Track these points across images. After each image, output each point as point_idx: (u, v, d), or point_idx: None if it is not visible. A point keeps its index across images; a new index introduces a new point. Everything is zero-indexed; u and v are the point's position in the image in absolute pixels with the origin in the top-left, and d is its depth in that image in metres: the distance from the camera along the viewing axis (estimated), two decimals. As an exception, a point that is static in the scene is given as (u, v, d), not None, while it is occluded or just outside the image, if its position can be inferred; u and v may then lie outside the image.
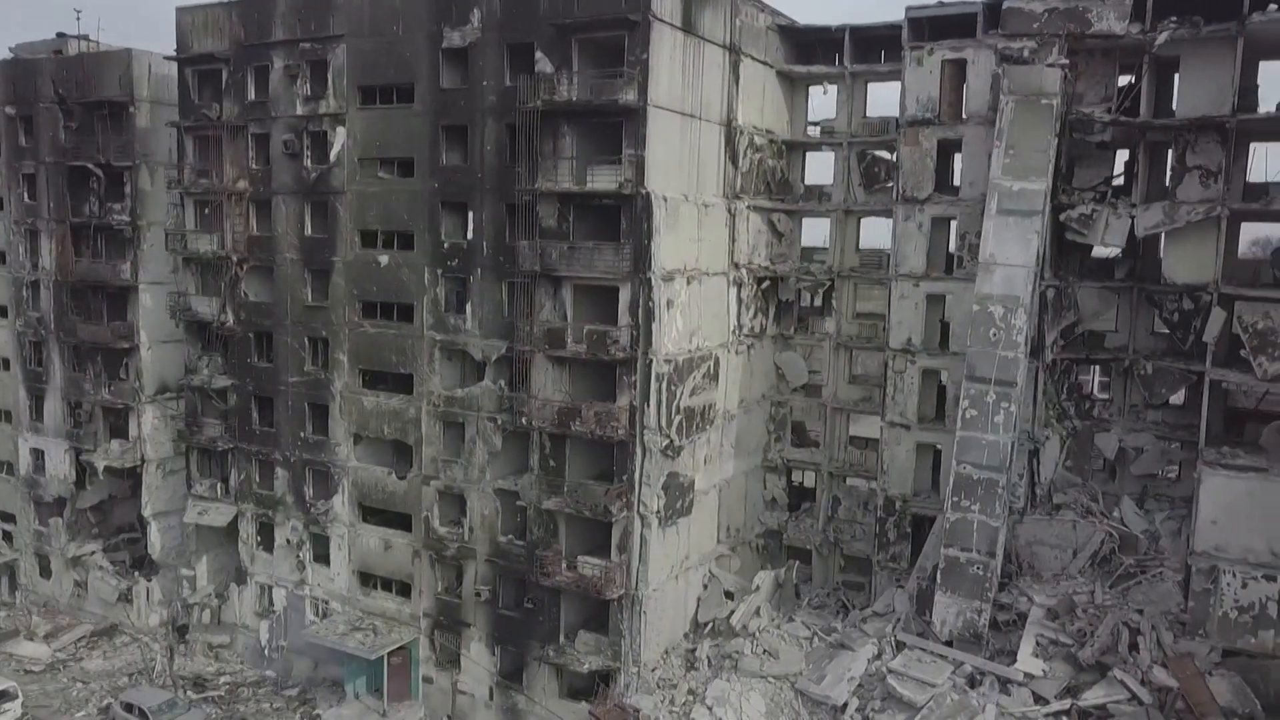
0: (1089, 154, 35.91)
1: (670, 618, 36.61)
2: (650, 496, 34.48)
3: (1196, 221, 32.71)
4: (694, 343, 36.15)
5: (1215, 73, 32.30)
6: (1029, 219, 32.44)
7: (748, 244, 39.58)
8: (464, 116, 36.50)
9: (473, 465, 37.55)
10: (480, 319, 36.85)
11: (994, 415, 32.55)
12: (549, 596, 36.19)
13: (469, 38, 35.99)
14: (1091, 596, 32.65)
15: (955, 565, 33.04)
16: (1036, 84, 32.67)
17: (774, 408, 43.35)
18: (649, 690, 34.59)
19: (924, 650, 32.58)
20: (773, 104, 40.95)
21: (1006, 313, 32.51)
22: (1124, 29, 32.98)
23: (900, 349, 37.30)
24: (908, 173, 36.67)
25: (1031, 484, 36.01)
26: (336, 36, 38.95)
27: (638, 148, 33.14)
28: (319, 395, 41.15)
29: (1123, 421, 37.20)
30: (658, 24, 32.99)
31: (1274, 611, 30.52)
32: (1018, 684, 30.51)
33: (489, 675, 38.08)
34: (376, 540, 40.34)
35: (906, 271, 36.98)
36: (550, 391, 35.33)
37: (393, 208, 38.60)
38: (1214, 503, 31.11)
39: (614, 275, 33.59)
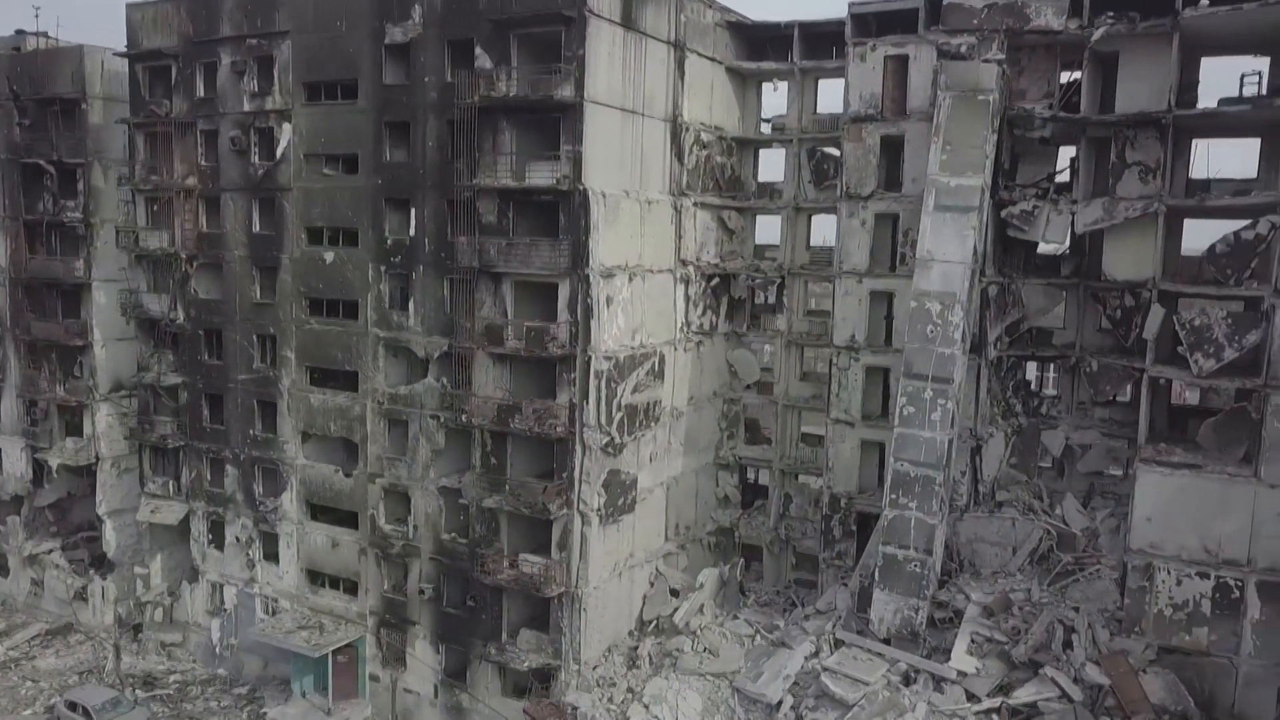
0: (1032, 150, 35.84)
1: (613, 615, 36.50)
2: (590, 494, 34.36)
3: (1134, 218, 32.60)
4: (637, 340, 36.01)
5: (1154, 69, 32.20)
6: (966, 215, 32.32)
7: (695, 241, 39.44)
8: (406, 113, 36.38)
9: (416, 463, 37.44)
10: (423, 316, 36.74)
11: (931, 412, 32.43)
12: (491, 595, 36.08)
13: (410, 33, 35.86)
14: (1028, 594, 32.56)
15: (893, 563, 32.92)
16: (973, 80, 32.57)
17: (726, 405, 43.23)
18: (588, 688, 34.46)
19: (861, 648, 32.48)
20: (722, 100, 40.81)
21: (944, 309, 32.39)
22: (1062, 24, 32.88)
23: (844, 346, 37.18)
24: (851, 169, 36.54)
25: (974, 481, 35.91)
26: (282, 32, 38.81)
27: (575, 143, 33.02)
28: (267, 393, 41.03)
29: (1070, 419, 37.11)
30: (594, 19, 32.85)
31: (1208, 609, 30.40)
32: (951, 682, 30.40)
33: (434, 673, 37.97)
34: (324, 538, 40.23)
35: (850, 268, 36.85)
36: (491, 389, 35.22)
37: (337, 204, 38.48)
38: (1149, 500, 31.00)
39: (551, 272, 33.47)
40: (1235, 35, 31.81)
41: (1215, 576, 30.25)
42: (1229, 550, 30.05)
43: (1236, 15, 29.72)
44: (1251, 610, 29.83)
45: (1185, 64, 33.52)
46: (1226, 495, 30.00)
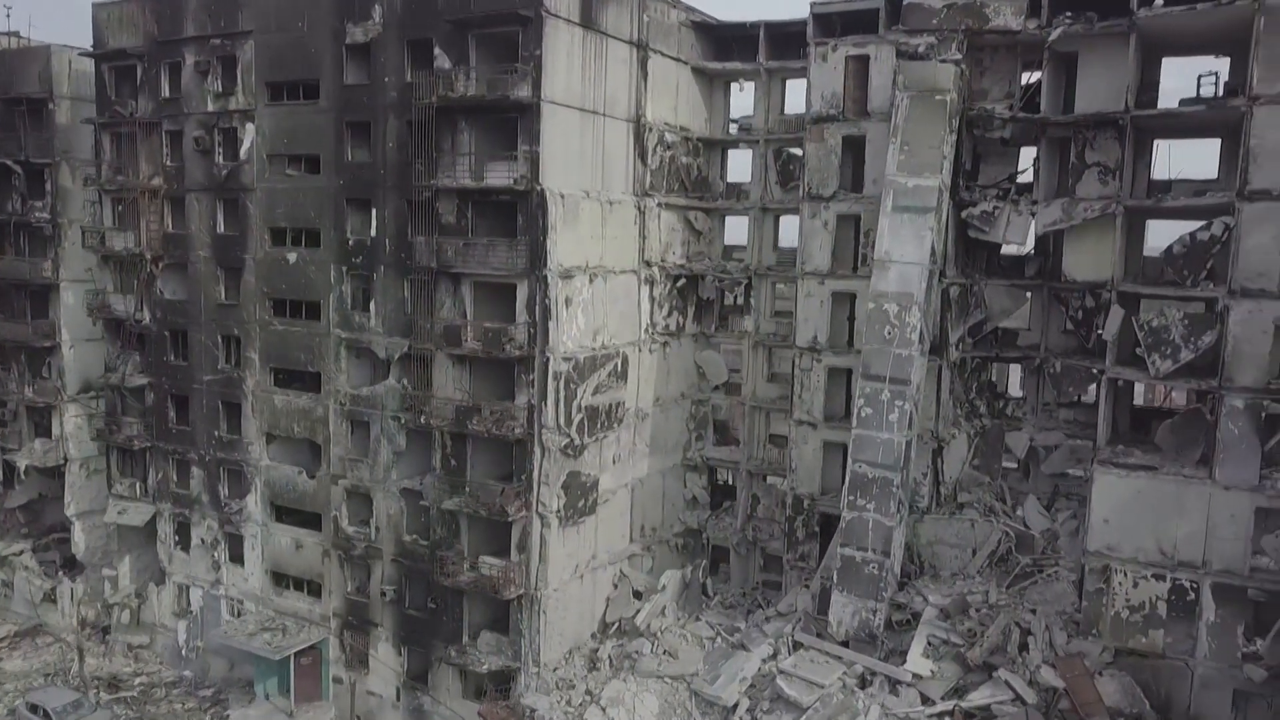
0: (994, 151, 35.73)
1: (575, 617, 36.35)
2: (549, 496, 34.22)
3: (1093, 219, 32.48)
4: (599, 341, 35.88)
5: (1112, 69, 32.03)
6: (923, 216, 32.20)
7: (660, 242, 39.31)
8: (367, 113, 36.27)
9: (378, 464, 37.32)
10: (384, 316, 36.62)
11: (889, 413, 32.32)
12: (452, 597, 35.94)
13: (370, 33, 35.74)
14: (986, 596, 32.44)
15: (851, 565, 32.81)
16: (930, 80, 32.45)
17: (694, 406, 43.10)
18: (547, 690, 34.32)
19: (819, 650, 32.35)
20: (688, 101, 40.68)
21: (901, 310, 32.27)
22: (1020, 24, 32.80)
23: (807, 347, 37.05)
24: (813, 170, 36.41)
25: (935, 483, 35.79)
26: (245, 32, 38.70)
27: (532, 144, 32.90)
28: (232, 394, 40.90)
29: (1035, 420, 37.02)
30: (552, 19, 32.73)
31: (1164, 611, 30.25)
32: (906, 684, 30.27)
33: (396, 676, 37.83)
34: (288, 540, 40.10)
35: (812, 269, 36.73)
36: (451, 390, 35.09)
37: (300, 205, 38.35)
38: (1105, 502, 30.86)
39: (509, 272, 33.36)
40: (1194, 35, 31.70)
41: (1171, 578, 30.11)
42: (1184, 552, 29.92)
43: (1191, 15, 29.60)
44: (1207, 612, 29.69)
45: (1146, 64, 33.52)
46: (1182, 497, 29.88)
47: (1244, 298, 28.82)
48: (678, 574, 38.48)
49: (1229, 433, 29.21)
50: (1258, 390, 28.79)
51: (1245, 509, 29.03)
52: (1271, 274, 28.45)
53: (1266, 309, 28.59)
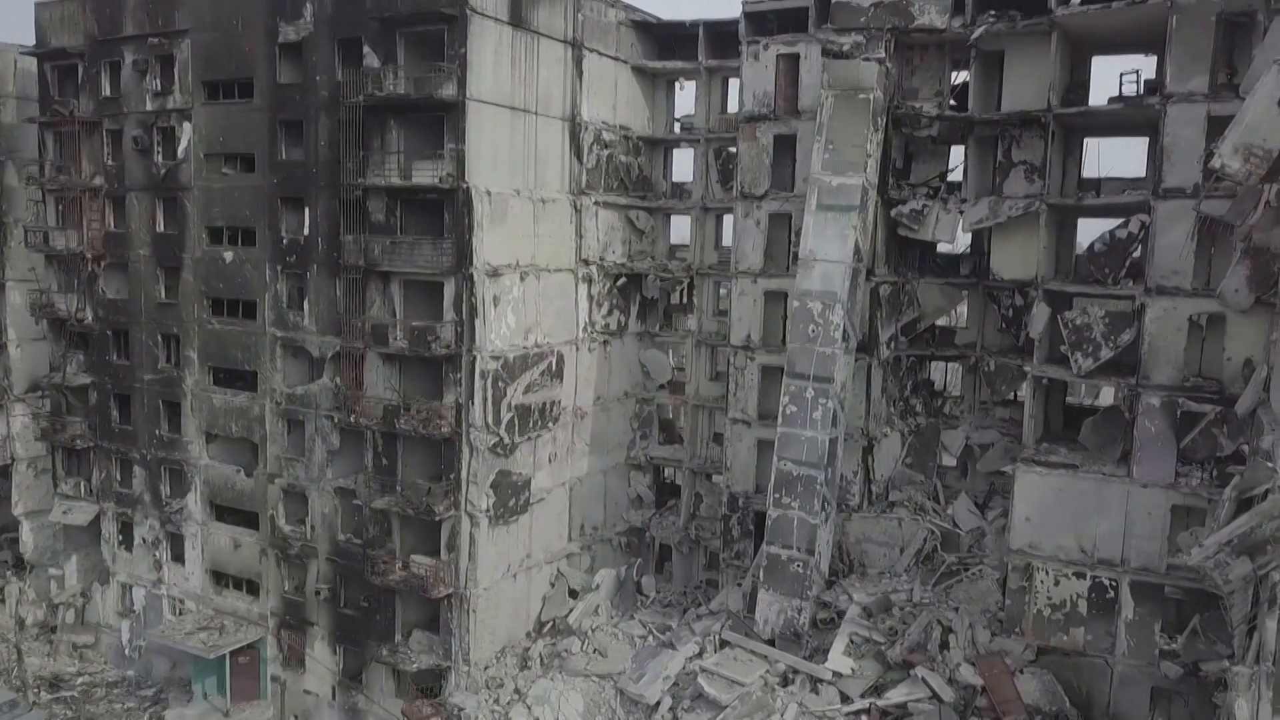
0: (926, 149, 35.73)
1: (508, 616, 36.32)
2: (478, 495, 34.20)
3: (1017, 216, 32.50)
4: (531, 339, 35.86)
5: (1037, 67, 32.05)
6: (847, 214, 32.20)
7: (598, 240, 39.31)
8: (300, 111, 36.25)
9: (313, 463, 37.29)
10: (317, 315, 36.60)
11: (813, 411, 32.32)
12: (385, 596, 35.91)
13: (302, 32, 35.74)
14: (910, 594, 32.44)
15: (777, 563, 32.81)
16: (854, 78, 32.44)
17: (639, 405, 43.11)
18: (476, 689, 34.30)
19: (744, 649, 32.33)
20: (628, 100, 40.69)
21: (824, 309, 32.27)
22: (945, 23, 32.83)
23: (741, 346, 37.04)
24: (745, 169, 36.41)
25: (866, 481, 35.79)
26: (181, 31, 38.69)
27: (458, 142, 32.89)
28: (172, 393, 40.88)
29: (972, 418, 37.04)
30: (478, 18, 32.73)
31: (1084, 609, 30.27)
32: (826, 682, 30.25)
33: (331, 675, 37.80)
34: (227, 539, 40.07)
35: (745, 268, 36.72)
36: (381, 389, 35.07)
37: (236, 204, 38.33)
38: (1027, 500, 30.84)
39: (435, 271, 33.34)
40: (1117, 34, 31.70)
41: (1091, 576, 30.12)
42: (1104, 550, 29.92)
43: (1107, 14, 29.63)
44: (1125, 610, 29.70)
45: (1076, 63, 33.55)
46: (1101, 495, 29.88)
47: (1160, 295, 28.85)
48: (612, 573, 38.49)
49: (1146, 430, 29.24)
50: (1173, 388, 28.81)
51: (1161, 507, 29.04)
52: (1186, 272, 28.47)
53: (1181, 306, 28.63)
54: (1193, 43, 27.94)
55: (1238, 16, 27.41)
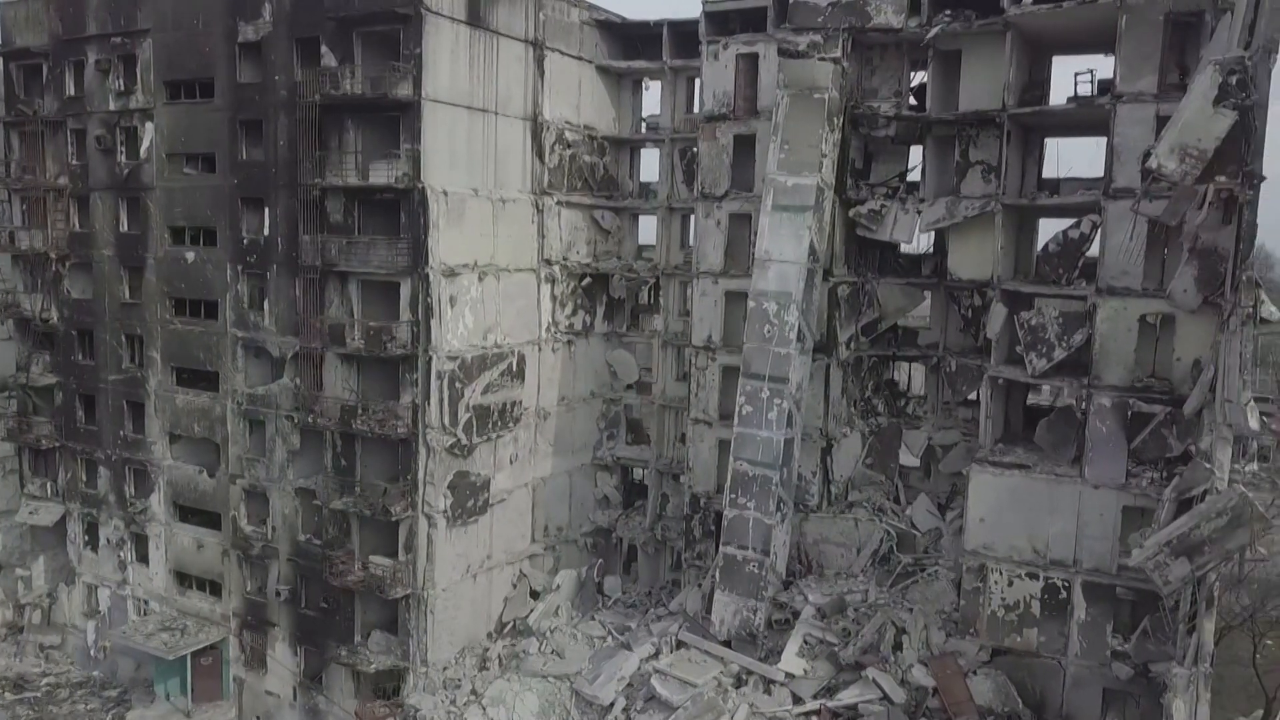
0: (885, 150, 35.69)
1: (468, 617, 36.23)
2: (435, 496, 34.12)
3: (973, 216, 32.44)
4: (490, 340, 35.79)
5: (993, 67, 31.99)
6: (802, 215, 32.14)
7: (561, 240, 39.23)
8: (259, 111, 36.16)
9: (274, 464, 37.22)
10: (277, 315, 36.52)
11: (768, 412, 32.28)
12: (345, 597, 35.83)
13: (261, 32, 35.65)
14: (866, 595, 32.39)
15: (733, 563, 32.76)
16: (809, 78, 32.39)
17: (606, 405, 43.04)
18: (433, 690, 34.23)
19: (700, 650, 32.28)
20: (592, 100, 40.62)
21: (780, 309, 32.23)
22: (901, 22, 32.76)
23: (702, 346, 36.99)
24: (706, 169, 36.37)
25: (825, 481, 35.72)
26: (143, 31, 38.62)
27: (414, 141, 32.82)
28: (135, 393, 40.82)
29: (934, 419, 36.97)
30: (433, 17, 32.66)
31: (1037, 610, 30.20)
32: (779, 683, 30.21)
33: (293, 676, 37.72)
34: (190, 539, 40.00)
35: (706, 268, 36.67)
36: (340, 389, 35.00)
37: (197, 204, 38.26)
38: (982, 501, 30.78)
39: (390, 271, 33.27)
40: (1072, 34, 31.63)
41: (1044, 577, 30.05)
42: (1057, 551, 29.86)
43: (1059, 13, 29.59)
44: (1078, 611, 29.64)
45: (1035, 63, 33.53)
46: (1054, 496, 29.81)
47: (1111, 296, 28.80)
48: (573, 574, 38.43)
49: (1097, 431, 29.19)
50: (1123, 388, 28.76)
51: (1113, 507, 28.98)
52: (1136, 272, 28.41)
53: (1132, 307, 28.58)
54: (1142, 43, 27.91)
55: (1186, 16, 27.36)
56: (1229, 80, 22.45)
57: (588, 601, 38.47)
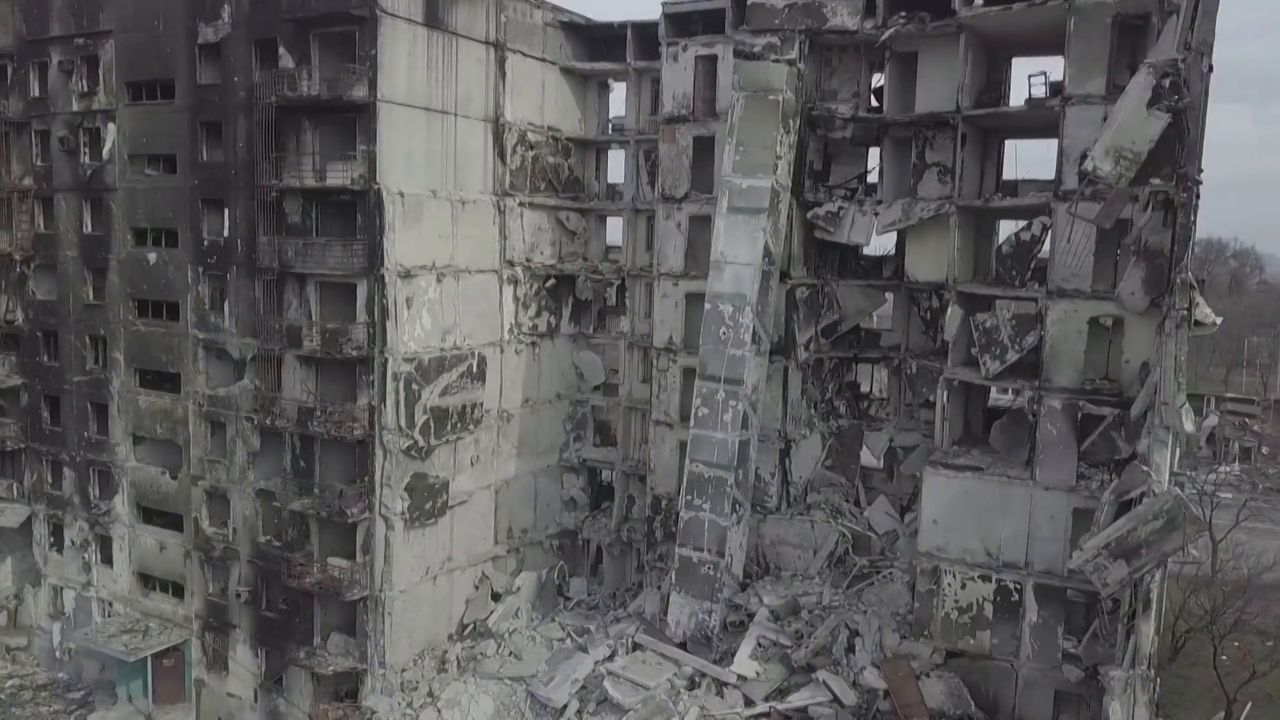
0: (845, 152, 35.71)
1: (428, 619, 36.13)
2: (392, 498, 34.06)
3: (929, 218, 32.44)
4: (449, 341, 35.74)
5: (949, 69, 32.02)
6: (756, 217, 32.13)
7: (524, 241, 39.19)
8: (219, 112, 36.07)
9: (234, 465, 37.15)
10: (237, 317, 36.45)
11: (723, 413, 32.26)
12: (304, 599, 35.75)
13: (220, 33, 35.59)
14: (820, 598, 32.36)
15: (688, 565, 32.75)
16: (764, 80, 32.38)
17: (573, 407, 43.00)
18: (391, 692, 34.16)
19: (655, 652, 32.25)
20: (557, 101, 40.58)
21: (735, 311, 32.23)
22: (857, 24, 32.77)
23: (663, 348, 36.98)
24: (666, 171, 36.41)
25: (784, 483, 35.69)
26: (105, 32, 38.55)
27: (369, 143, 32.78)
28: (99, 395, 40.74)
29: (896, 421, 36.95)
30: (390, 19, 32.61)
31: (990, 612, 30.19)
32: (731, 686, 30.17)
33: (254, 678, 37.64)
34: (153, 541, 39.91)
35: (667, 270, 36.69)
36: (298, 391, 34.96)
37: (159, 205, 38.20)
38: (935, 503, 30.77)
39: (346, 272, 33.22)
40: (1029, 35, 31.64)
41: (996, 579, 30.06)
42: (1009, 553, 29.87)
43: (1009, 15, 29.60)
44: (1030, 613, 29.64)
45: (993, 65, 33.54)
46: (1006, 498, 29.82)
47: (1060, 298, 28.80)
48: (533, 575, 38.36)
49: (1048, 433, 29.19)
50: (1073, 390, 28.76)
51: (1064, 509, 28.99)
52: (1085, 274, 28.41)
53: (1081, 309, 28.57)
54: (1091, 45, 27.92)
55: (1134, 19, 27.37)
56: (1162, 83, 22.47)
57: (548, 603, 38.43)
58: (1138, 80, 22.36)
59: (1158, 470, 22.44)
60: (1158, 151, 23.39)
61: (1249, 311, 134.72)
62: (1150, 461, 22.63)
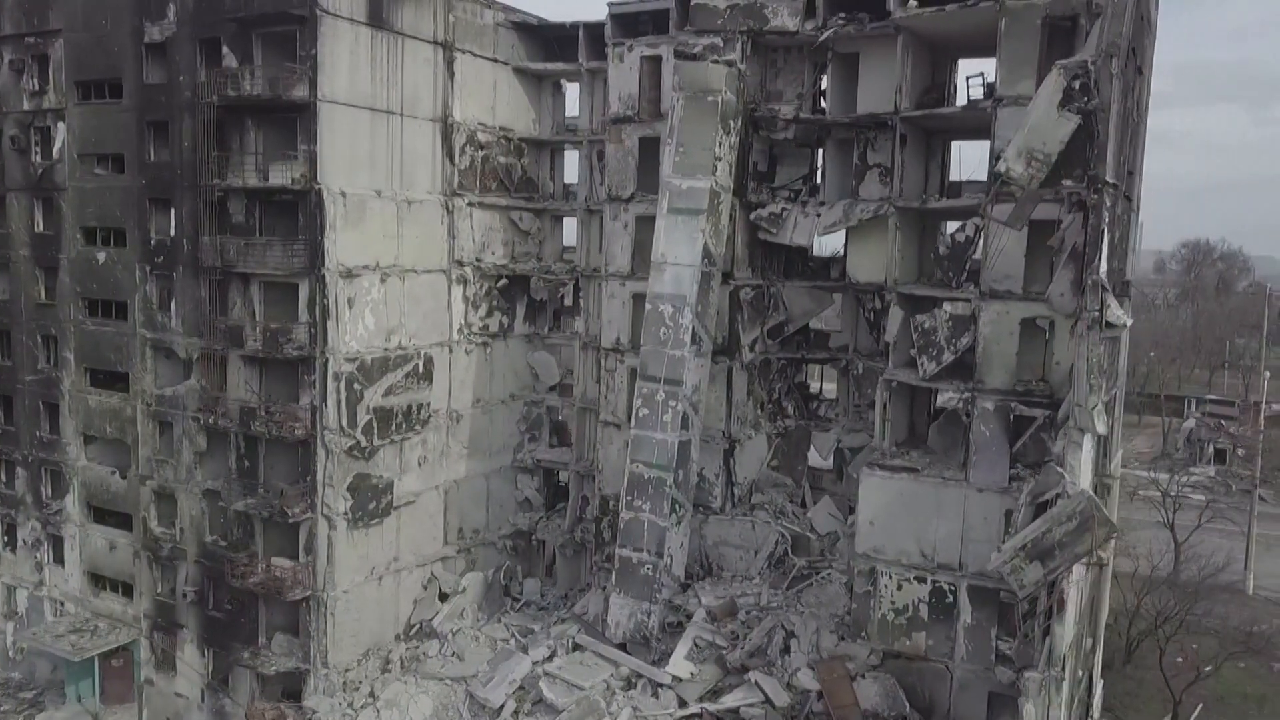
0: (790, 153, 35.74)
1: (374, 619, 36.09)
2: (335, 498, 34.04)
3: (868, 220, 32.43)
4: (393, 341, 35.72)
5: (889, 70, 31.99)
6: (695, 218, 32.13)
7: (474, 241, 39.18)
8: (165, 112, 36.06)
9: (181, 465, 37.12)
10: (183, 316, 36.42)
11: (663, 414, 32.25)
12: (249, 599, 35.72)
13: (166, 32, 35.59)
14: (758, 598, 32.34)
15: (628, 566, 32.73)
16: (703, 81, 32.37)
17: (528, 407, 42.98)
18: (332, 692, 34.13)
19: (593, 652, 32.24)
20: (509, 101, 40.57)
21: (675, 312, 32.23)
22: (797, 25, 32.76)
23: (611, 348, 36.97)
24: (613, 171, 36.38)
25: (728, 483, 35.68)
26: (55, 31, 38.51)
27: (311, 143, 32.77)
28: (51, 394, 40.71)
29: (845, 421, 36.95)
30: (331, 18, 32.61)
31: (925, 613, 30.17)
32: (666, 687, 30.16)
33: (200, 677, 37.61)
34: (104, 540, 39.88)
35: (614, 271, 36.67)
36: (243, 390, 34.94)
37: (108, 204, 38.18)
38: (871, 504, 30.74)
39: (288, 272, 33.21)
40: (969, 37, 31.60)
41: (931, 581, 30.03)
42: (943, 554, 29.82)
43: (942, 17, 29.61)
44: (964, 614, 29.62)
45: (936, 66, 33.55)
46: (941, 499, 29.78)
47: (993, 299, 28.78)
48: (480, 576, 38.33)
49: (981, 434, 29.16)
50: (1005, 392, 28.74)
51: (996, 511, 28.95)
52: (1017, 276, 28.40)
53: (1013, 310, 28.56)
54: (1021, 46, 27.93)
55: (1062, 21, 27.37)
56: (1073, 84, 22.47)
57: (494, 604, 38.41)
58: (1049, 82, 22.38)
59: (1072, 472, 22.42)
60: (1070, 153, 23.42)
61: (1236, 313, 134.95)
62: (1065, 463, 22.61)
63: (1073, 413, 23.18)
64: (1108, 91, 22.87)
